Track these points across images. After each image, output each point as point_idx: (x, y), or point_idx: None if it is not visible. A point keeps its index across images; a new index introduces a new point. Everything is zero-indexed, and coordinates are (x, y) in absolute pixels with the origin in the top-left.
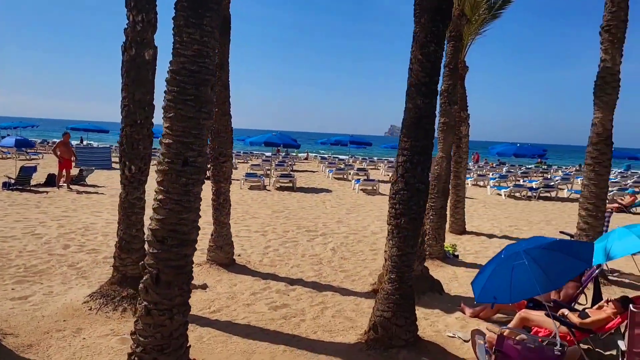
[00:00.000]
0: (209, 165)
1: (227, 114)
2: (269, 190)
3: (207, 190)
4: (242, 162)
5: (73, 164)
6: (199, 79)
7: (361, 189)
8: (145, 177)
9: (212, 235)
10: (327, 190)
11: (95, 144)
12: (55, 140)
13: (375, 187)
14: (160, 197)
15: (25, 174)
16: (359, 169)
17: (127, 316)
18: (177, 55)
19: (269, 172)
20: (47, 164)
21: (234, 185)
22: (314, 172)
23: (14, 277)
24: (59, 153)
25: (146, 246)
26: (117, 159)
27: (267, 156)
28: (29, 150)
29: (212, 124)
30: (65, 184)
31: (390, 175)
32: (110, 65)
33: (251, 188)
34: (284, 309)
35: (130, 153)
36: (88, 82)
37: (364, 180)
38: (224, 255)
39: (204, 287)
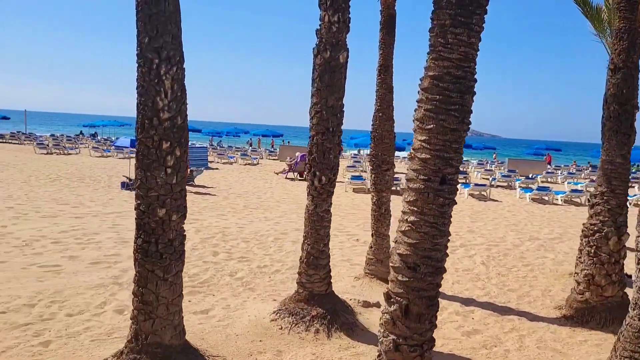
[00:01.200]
0: (370, 174)
1: (391, 119)
2: None
3: (344, 198)
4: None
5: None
6: (464, 85)
7: (470, 194)
8: (333, 189)
9: (370, 247)
10: None
11: (196, 144)
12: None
13: (486, 193)
14: (412, 218)
15: None
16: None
17: (321, 337)
18: (439, 59)
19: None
20: None
21: (338, 188)
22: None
23: (184, 287)
24: None
25: (392, 273)
26: (212, 159)
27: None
28: (132, 149)
29: (375, 129)
30: None
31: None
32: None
33: (355, 191)
34: (478, 336)
35: (321, 163)
36: None
37: (475, 185)
38: (384, 269)
39: (377, 305)
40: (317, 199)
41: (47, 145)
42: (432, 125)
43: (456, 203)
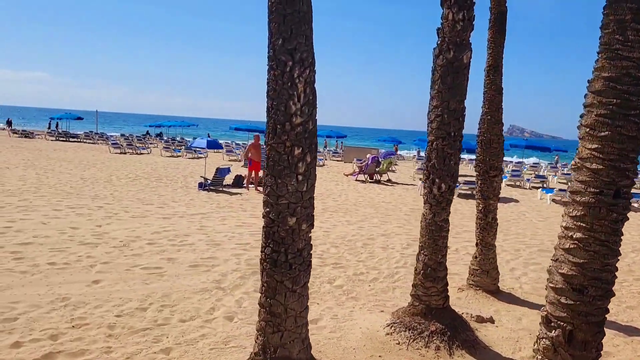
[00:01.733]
0: (478, 180)
1: (500, 122)
2: None
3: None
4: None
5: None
6: None
7: (553, 200)
8: (452, 197)
9: (475, 257)
10: (513, 200)
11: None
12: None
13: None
14: (578, 235)
15: (220, 175)
16: (537, 175)
17: (442, 355)
18: (616, 58)
19: None
20: (213, 162)
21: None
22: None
23: None
24: (249, 155)
25: (551, 294)
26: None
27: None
28: (196, 150)
29: (483, 133)
30: (253, 186)
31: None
32: (246, 65)
33: None
34: (611, 359)
35: (441, 169)
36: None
37: (558, 190)
38: (490, 281)
39: (491, 320)
40: (435, 207)
41: (121, 145)
42: (606, 132)
43: (628, 219)
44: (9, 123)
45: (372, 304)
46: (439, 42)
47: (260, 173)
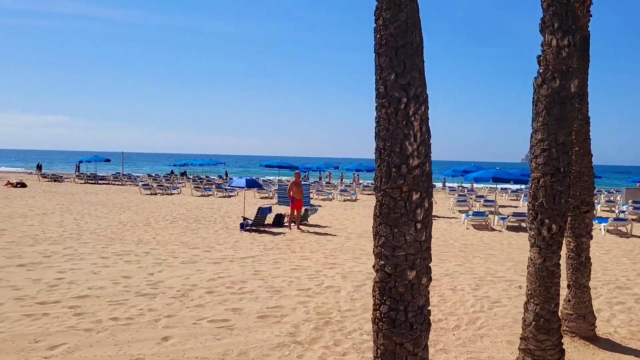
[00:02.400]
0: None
1: (589, 153)
2: (499, 231)
3: (471, 236)
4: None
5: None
6: None
7: (607, 230)
8: (563, 238)
9: (568, 300)
10: None
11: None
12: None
13: (626, 228)
14: None
15: (262, 214)
16: None
17: None
18: None
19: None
20: (244, 201)
21: (454, 225)
22: (509, 206)
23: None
24: (291, 194)
25: None
26: (314, 195)
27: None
28: (227, 188)
29: (572, 165)
30: (295, 225)
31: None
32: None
33: (476, 228)
34: None
35: (550, 209)
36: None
37: (613, 220)
38: (587, 327)
39: None
40: (546, 251)
41: (151, 186)
42: None
43: None
44: (38, 167)
45: (466, 357)
46: (541, 70)
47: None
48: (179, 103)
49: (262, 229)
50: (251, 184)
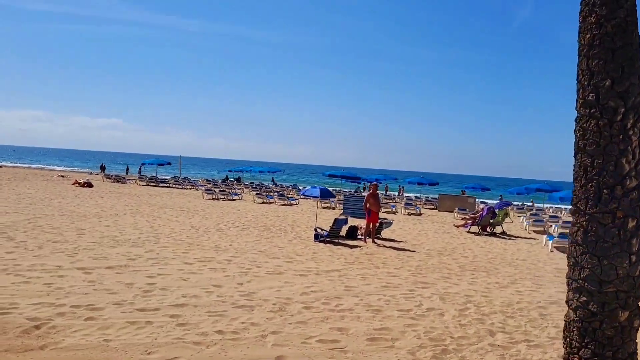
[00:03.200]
0: None
1: None
2: None
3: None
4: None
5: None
6: None
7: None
8: None
9: None
10: None
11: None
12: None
13: None
14: None
15: (338, 226)
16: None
17: None
18: None
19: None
20: (305, 210)
21: (535, 246)
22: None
23: None
24: (368, 206)
25: None
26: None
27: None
28: (288, 196)
29: None
30: (369, 238)
31: None
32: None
33: (561, 250)
34: None
35: None
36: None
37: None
38: None
39: None
40: None
41: (214, 191)
42: None
43: None
44: (102, 168)
45: None
46: None
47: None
48: (226, 110)
49: (337, 240)
50: (325, 194)
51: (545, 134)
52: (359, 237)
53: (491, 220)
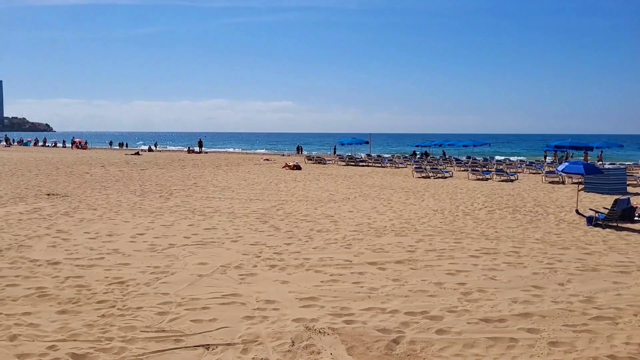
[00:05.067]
0: None
1: None
2: None
3: None
4: None
5: None
6: None
7: None
8: None
9: None
10: None
11: (607, 165)
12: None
13: None
14: None
15: (618, 208)
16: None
17: None
18: None
19: None
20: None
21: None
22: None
23: None
24: None
25: None
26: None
27: None
28: (509, 171)
29: None
30: None
31: None
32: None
33: None
34: None
35: None
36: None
37: None
38: None
39: None
40: None
41: (425, 169)
42: None
43: None
44: (298, 149)
45: None
46: None
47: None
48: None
49: (614, 224)
50: (590, 170)
51: None
52: (636, 219)
53: None
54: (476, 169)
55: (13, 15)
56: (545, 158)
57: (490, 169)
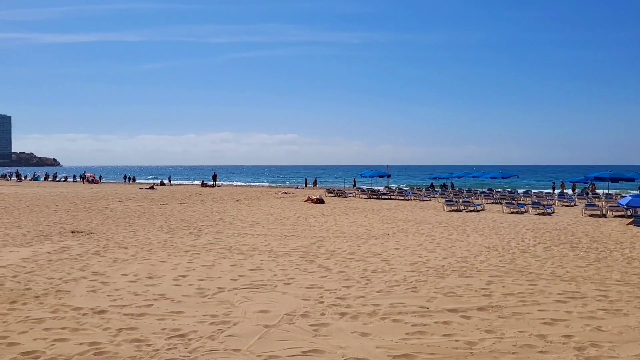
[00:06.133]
0: None
1: None
2: None
3: None
4: None
5: None
6: None
7: None
8: None
9: None
10: None
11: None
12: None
13: None
14: None
15: None
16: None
17: None
18: None
19: None
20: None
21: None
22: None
23: None
24: None
25: None
26: None
27: None
28: (545, 203)
29: None
30: None
31: None
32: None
33: None
34: None
35: None
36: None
37: None
38: None
39: None
40: None
41: (455, 202)
42: None
43: None
44: (315, 183)
45: None
46: None
47: None
48: (391, 117)
49: None
50: None
51: None
52: None
53: None
54: (511, 202)
55: (23, 52)
56: (553, 190)
57: (524, 202)
